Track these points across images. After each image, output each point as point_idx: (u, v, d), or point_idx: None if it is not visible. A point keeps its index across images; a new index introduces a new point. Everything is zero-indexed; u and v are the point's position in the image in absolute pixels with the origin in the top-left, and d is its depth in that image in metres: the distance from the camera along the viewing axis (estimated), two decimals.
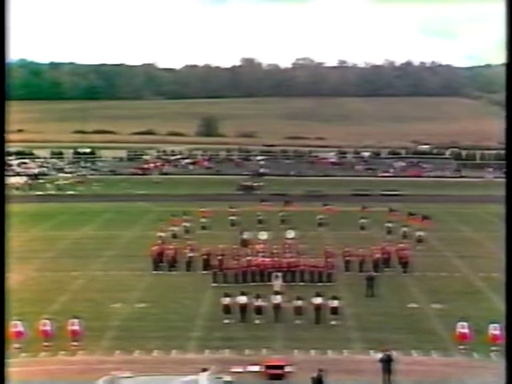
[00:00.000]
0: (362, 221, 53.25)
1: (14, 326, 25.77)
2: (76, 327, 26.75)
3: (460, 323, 26.49)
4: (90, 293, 35.07)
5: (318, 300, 29.81)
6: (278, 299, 30.43)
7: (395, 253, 40.65)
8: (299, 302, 29.90)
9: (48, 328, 26.74)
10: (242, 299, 30.09)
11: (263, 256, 38.57)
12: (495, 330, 25.58)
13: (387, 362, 23.30)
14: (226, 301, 30.10)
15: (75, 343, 26.52)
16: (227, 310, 30.05)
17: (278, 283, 33.66)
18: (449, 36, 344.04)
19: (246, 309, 29.95)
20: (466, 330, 26.24)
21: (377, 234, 49.08)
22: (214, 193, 74.83)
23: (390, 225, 50.98)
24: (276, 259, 37.68)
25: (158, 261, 40.13)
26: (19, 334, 26.10)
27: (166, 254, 40.52)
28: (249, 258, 38.08)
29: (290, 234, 46.50)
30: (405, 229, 48.88)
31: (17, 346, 25.66)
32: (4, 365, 11.55)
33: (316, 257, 38.23)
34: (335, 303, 29.83)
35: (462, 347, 26.14)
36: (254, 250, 40.37)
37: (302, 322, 29.49)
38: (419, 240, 46.65)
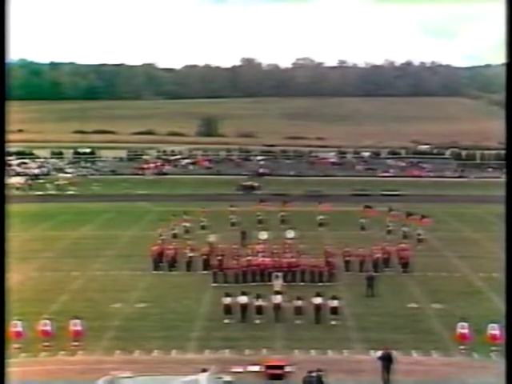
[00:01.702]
0: (362, 221, 53.27)
1: (14, 326, 25.76)
2: (78, 327, 26.74)
3: (460, 323, 26.47)
4: (89, 293, 35.04)
5: (318, 300, 29.79)
6: (278, 299, 30.41)
7: (395, 253, 40.64)
8: (299, 302, 29.88)
9: (48, 328, 26.74)
10: (243, 299, 30.08)
11: (263, 256, 38.55)
12: (494, 329, 25.57)
13: (386, 360, 23.34)
14: (227, 301, 30.07)
15: (76, 343, 26.49)
16: (227, 309, 30.02)
17: (278, 283, 33.60)
18: (449, 36, 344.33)
19: (247, 309, 29.92)
20: (465, 330, 26.21)
21: (377, 234, 49.05)
22: (214, 193, 74.84)
23: (390, 225, 51.03)
24: (276, 259, 37.69)
25: (158, 261, 40.14)
26: (19, 334, 26.09)
27: (166, 254, 40.53)
28: (249, 257, 38.10)
29: (290, 233, 46.49)
30: (405, 229, 48.93)
31: (16, 346, 25.61)
32: (4, 365, 11.54)
33: (316, 257, 38.22)
34: (335, 303, 29.83)
35: (462, 347, 26.10)
36: (254, 250, 40.35)
37: (302, 322, 29.47)
38: (419, 240, 46.66)
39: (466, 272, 39.60)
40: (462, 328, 26.24)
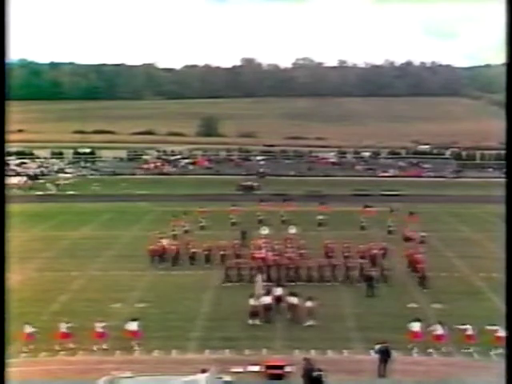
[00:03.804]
0: (362, 220, 53.29)
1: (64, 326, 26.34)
2: (135, 328, 26.91)
3: (412, 323, 27.01)
4: (89, 293, 34.98)
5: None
6: (278, 291, 30.38)
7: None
8: (295, 301, 29.76)
9: (102, 330, 26.97)
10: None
11: (266, 251, 38.71)
12: (438, 330, 26.51)
13: (384, 354, 23.55)
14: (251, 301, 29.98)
15: (135, 345, 26.64)
16: (254, 313, 29.60)
17: (259, 284, 32.76)
18: (449, 36, 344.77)
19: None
20: (417, 329, 26.71)
21: (377, 234, 49.02)
22: (214, 193, 74.81)
23: (391, 225, 51.05)
24: (277, 257, 37.82)
25: (160, 260, 40.39)
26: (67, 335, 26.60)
27: (169, 250, 40.99)
28: (251, 252, 38.55)
29: (292, 229, 46.53)
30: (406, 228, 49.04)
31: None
32: (4, 365, 11.55)
33: (316, 256, 38.22)
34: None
35: (411, 345, 26.41)
36: (257, 246, 40.49)
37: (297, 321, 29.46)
38: (419, 240, 46.61)
39: (466, 272, 39.56)
40: (414, 327, 26.83)
